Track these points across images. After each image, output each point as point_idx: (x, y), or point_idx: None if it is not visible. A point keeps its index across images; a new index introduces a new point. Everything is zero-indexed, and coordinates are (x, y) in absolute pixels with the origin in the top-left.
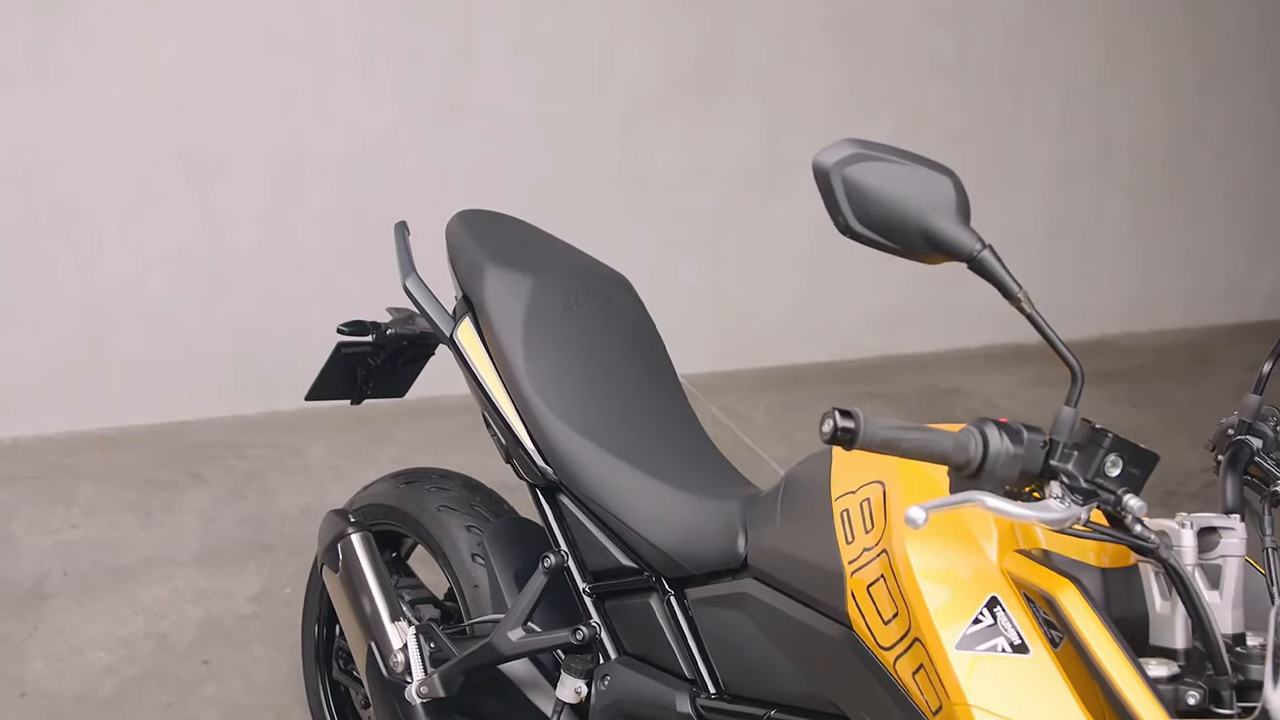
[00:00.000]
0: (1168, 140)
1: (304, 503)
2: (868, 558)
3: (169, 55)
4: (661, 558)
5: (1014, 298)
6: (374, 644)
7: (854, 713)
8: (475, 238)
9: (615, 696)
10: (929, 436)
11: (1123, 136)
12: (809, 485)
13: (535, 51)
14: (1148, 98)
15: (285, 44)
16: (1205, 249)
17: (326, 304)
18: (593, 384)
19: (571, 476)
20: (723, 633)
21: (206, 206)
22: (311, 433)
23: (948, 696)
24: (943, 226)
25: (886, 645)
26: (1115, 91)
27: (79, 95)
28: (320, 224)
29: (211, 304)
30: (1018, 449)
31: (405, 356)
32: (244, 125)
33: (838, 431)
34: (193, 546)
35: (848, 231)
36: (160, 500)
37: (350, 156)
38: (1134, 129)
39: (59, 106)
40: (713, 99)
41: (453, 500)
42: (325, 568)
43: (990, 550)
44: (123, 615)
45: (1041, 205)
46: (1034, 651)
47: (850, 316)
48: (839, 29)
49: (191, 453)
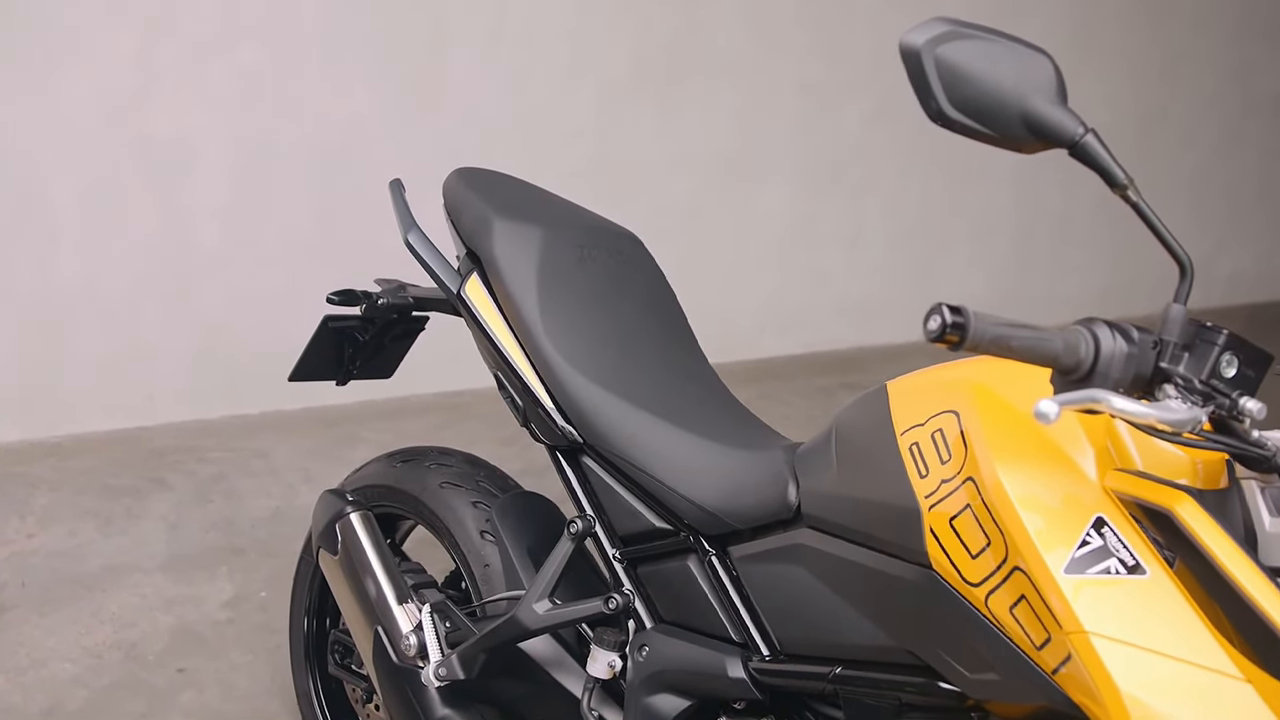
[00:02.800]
0: (1134, 127)
1: (274, 505)
2: (947, 489)
3: (128, 43)
4: (703, 515)
5: (1120, 185)
6: (381, 629)
7: (934, 659)
8: (478, 192)
9: (656, 666)
10: (1039, 335)
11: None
12: (866, 425)
13: (506, 39)
14: (1114, 85)
15: (249, 30)
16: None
17: (292, 302)
18: (614, 337)
19: (598, 435)
20: (775, 589)
21: (167, 201)
22: (277, 435)
23: (1059, 626)
24: (1044, 109)
25: (975, 581)
26: (1083, 79)
27: (33, 86)
28: (286, 219)
29: (172, 303)
30: (1131, 349)
31: (394, 332)
32: (207, 116)
33: (946, 328)
34: (159, 553)
35: (940, 118)
36: (121, 507)
37: (317, 148)
38: (1102, 115)
39: (11, 97)
40: (685, 87)
41: (456, 476)
42: (322, 551)
43: (1089, 469)
44: (88, 625)
45: (1013, 194)
46: (1150, 572)
47: (824, 307)
48: (810, 15)
49: (152, 458)
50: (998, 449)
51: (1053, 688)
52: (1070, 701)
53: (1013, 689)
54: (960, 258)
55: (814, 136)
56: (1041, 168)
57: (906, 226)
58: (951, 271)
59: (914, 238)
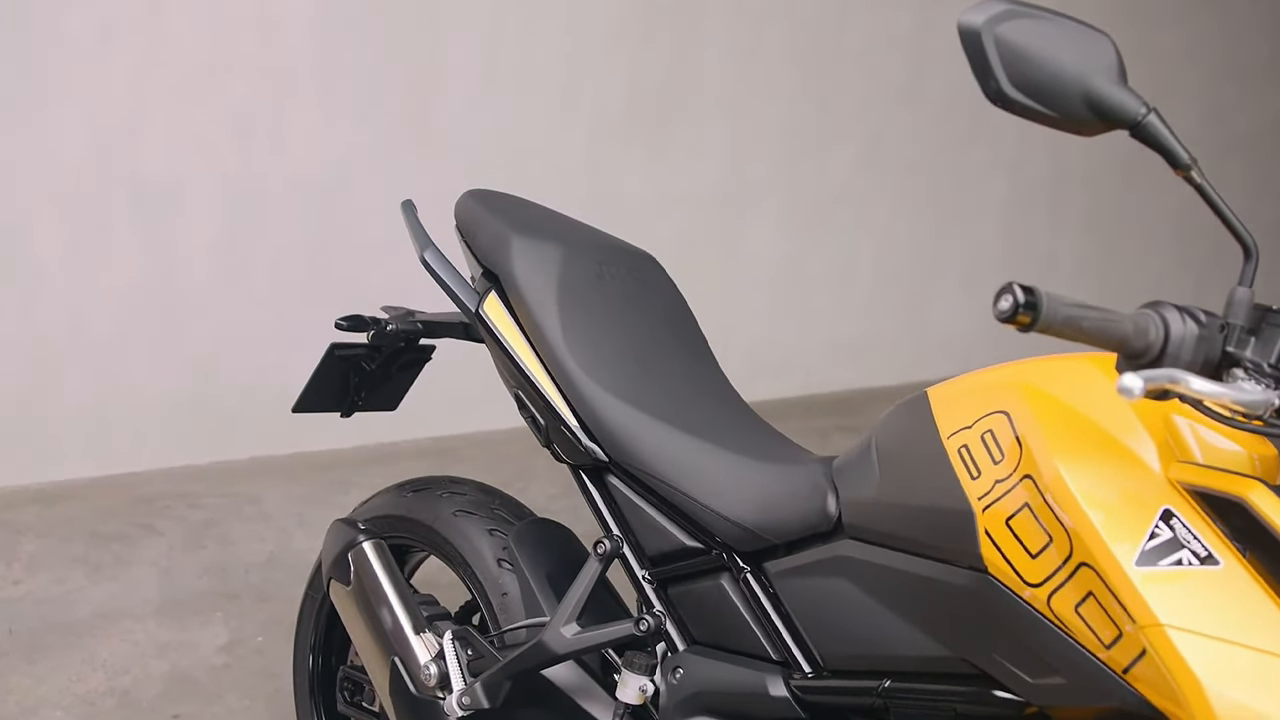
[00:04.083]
0: (1117, 167)
1: (268, 550)
2: (1002, 489)
3: (118, 79)
4: (738, 531)
5: (1184, 166)
6: (398, 660)
7: (992, 666)
8: (493, 211)
9: (692, 689)
10: (1109, 316)
11: (1074, 164)
12: (909, 431)
13: (499, 79)
14: None
15: (240, 67)
16: (1157, 274)
17: (283, 344)
18: (636, 354)
19: (625, 452)
20: (817, 603)
21: (156, 240)
22: (268, 480)
23: (1132, 620)
24: (1105, 89)
25: (1036, 581)
26: None
27: (20, 122)
28: (277, 258)
29: (160, 345)
30: (1201, 331)
31: (400, 361)
32: (196, 153)
33: (1019, 308)
34: (150, 599)
35: (1000, 99)
36: (110, 554)
37: (309, 185)
38: (1085, 157)
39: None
40: (676, 127)
41: (470, 505)
42: (334, 582)
43: (1152, 462)
44: (79, 672)
45: (1000, 234)
46: (1224, 562)
47: (816, 349)
48: (800, 56)
49: (141, 504)
50: (1056, 445)
51: (1124, 688)
52: (1143, 701)
53: (1080, 692)
54: (949, 298)
55: (803, 176)
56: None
57: (896, 267)
58: (941, 312)
59: (903, 278)
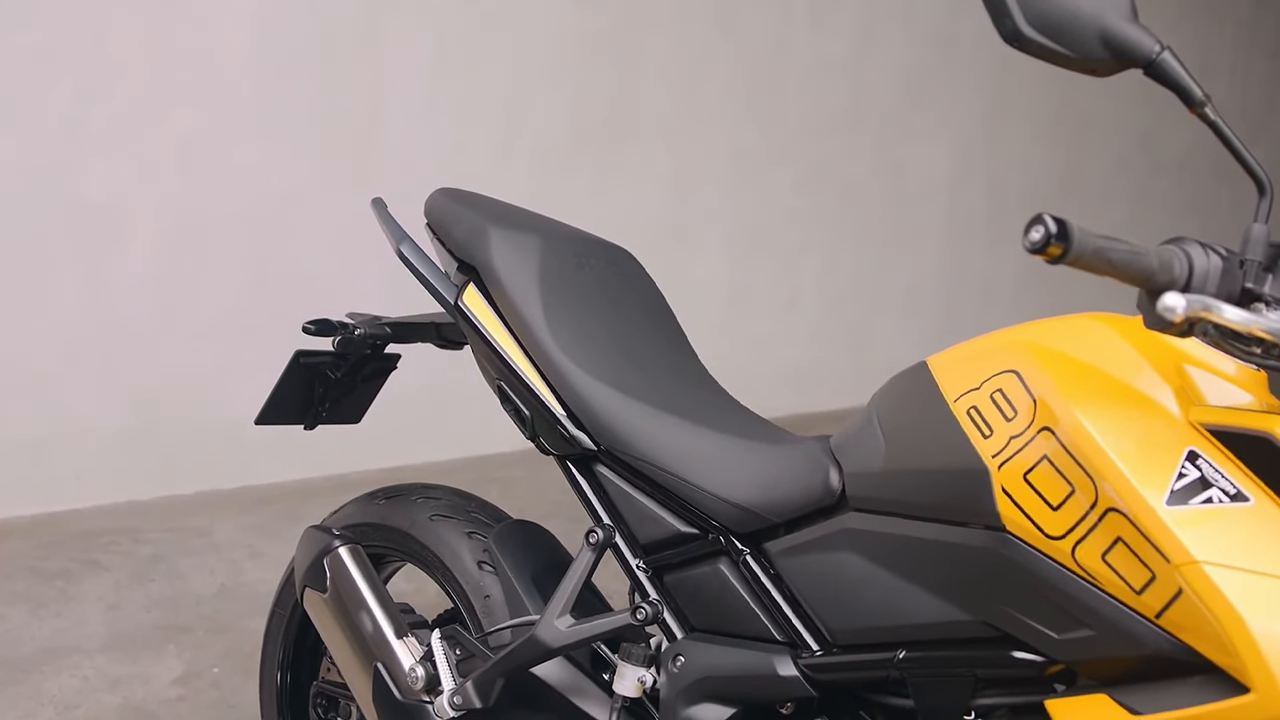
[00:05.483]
0: (1051, 188)
1: (219, 582)
2: (1019, 444)
3: (58, 107)
4: (736, 512)
5: (1198, 103)
6: (381, 665)
7: (1014, 625)
8: (468, 206)
9: (696, 675)
10: (1135, 250)
11: (1011, 187)
12: (912, 399)
13: (441, 108)
14: (1029, 148)
15: (183, 97)
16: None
17: (228, 377)
18: (621, 343)
19: (616, 438)
20: (823, 580)
21: (98, 273)
22: (215, 514)
23: (1165, 560)
24: (1121, 26)
25: (1058, 534)
26: (1002, 142)
27: None
28: (221, 290)
29: (102, 380)
30: (1224, 265)
31: (365, 371)
32: (139, 184)
33: (1050, 239)
34: (99, 633)
35: (1016, 38)
36: (54, 589)
37: (253, 217)
38: (1020, 179)
39: None
40: (620, 155)
41: (446, 509)
42: (308, 591)
43: (1171, 406)
44: (26, 708)
45: (939, 260)
46: (1254, 499)
47: (764, 375)
48: (741, 83)
49: (85, 540)
50: (1073, 396)
51: (1157, 632)
52: (1176, 644)
53: (1110, 642)
54: (891, 323)
55: (747, 203)
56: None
57: (839, 292)
58: (883, 336)
59: (846, 303)
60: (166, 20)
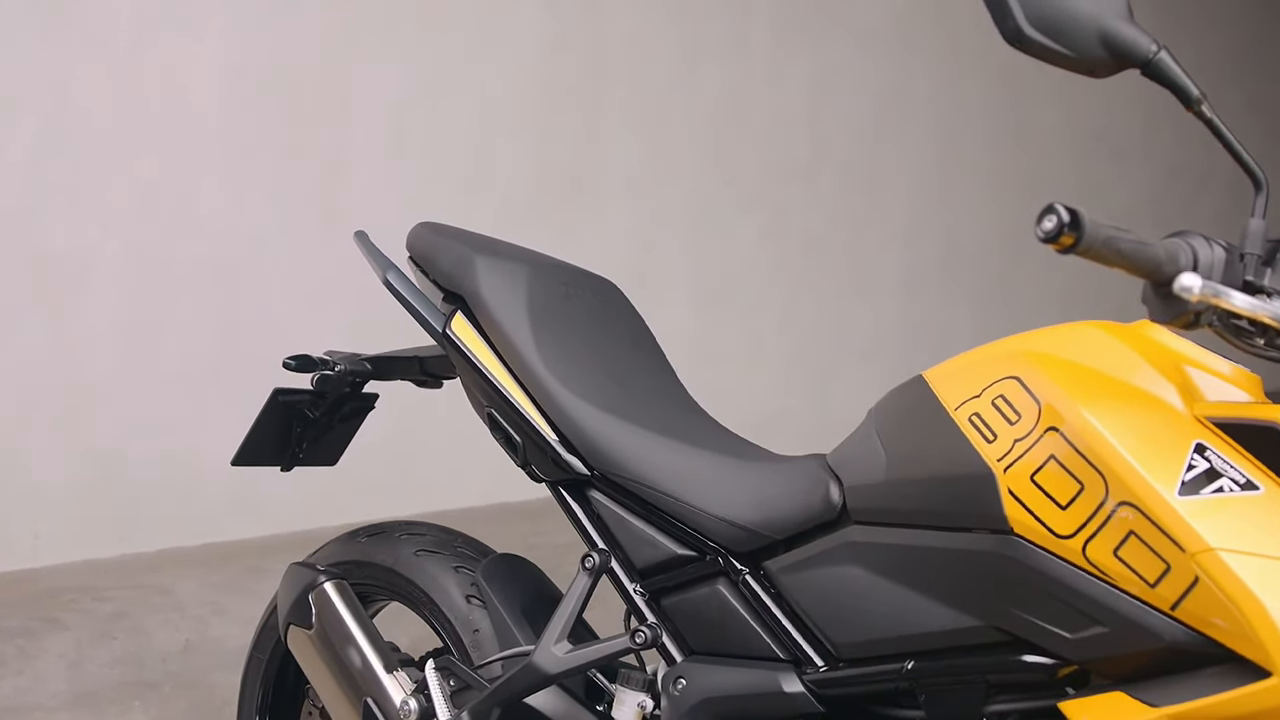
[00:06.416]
0: (1004, 244)
1: (184, 639)
2: (1024, 446)
3: (16, 152)
4: (735, 531)
5: (1195, 102)
6: (371, 700)
7: (1025, 629)
8: (451, 238)
9: (698, 697)
10: (1142, 241)
11: (965, 240)
12: (911, 410)
13: (407, 159)
14: (982, 202)
15: (147, 142)
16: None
17: (192, 430)
18: (611, 369)
19: (609, 461)
20: (827, 595)
21: (57, 322)
22: (178, 571)
23: (1180, 550)
24: (1119, 26)
25: (1068, 533)
26: (956, 195)
27: None
28: (185, 340)
29: (61, 434)
30: (1228, 258)
31: (342, 411)
32: (100, 229)
33: (1063, 228)
34: (61, 691)
35: (1018, 39)
36: (13, 648)
37: (218, 263)
38: (972, 230)
39: None
40: (583, 203)
41: (431, 544)
42: (292, 628)
43: (1175, 402)
44: None
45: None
46: (1264, 487)
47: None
48: (703, 135)
49: (43, 599)
50: (1078, 395)
51: (1172, 624)
52: (1192, 635)
53: (1125, 638)
54: (853, 371)
55: (710, 252)
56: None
57: (801, 341)
58: (846, 385)
59: (808, 352)
60: (129, 66)
